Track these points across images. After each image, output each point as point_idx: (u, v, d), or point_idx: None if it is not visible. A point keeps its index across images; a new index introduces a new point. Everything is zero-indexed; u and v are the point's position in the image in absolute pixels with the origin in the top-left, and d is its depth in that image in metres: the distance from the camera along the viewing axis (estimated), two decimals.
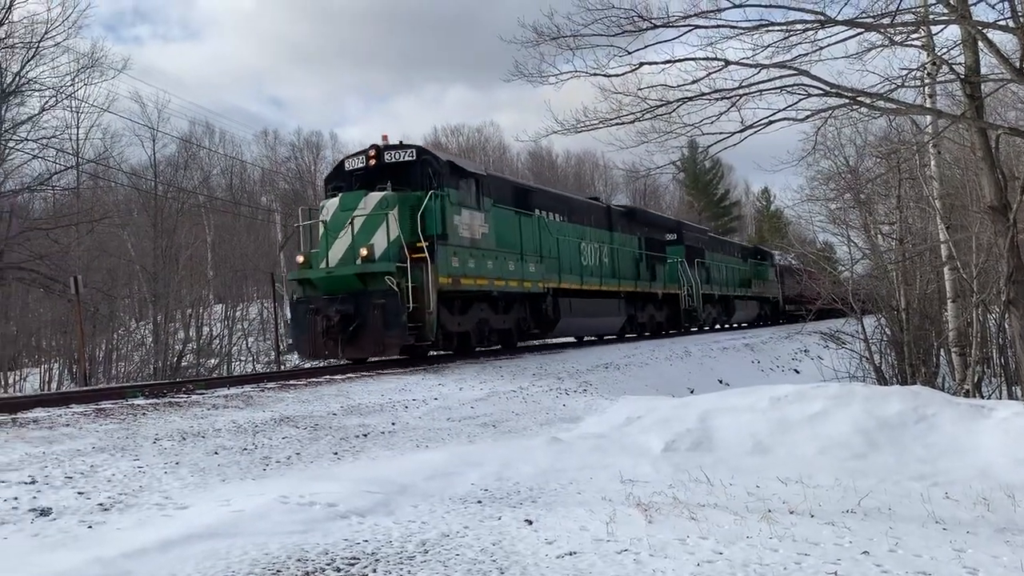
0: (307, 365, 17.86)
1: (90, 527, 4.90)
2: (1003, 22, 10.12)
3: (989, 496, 6.12)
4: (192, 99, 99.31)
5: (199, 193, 44.24)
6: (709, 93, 10.40)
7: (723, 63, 10.32)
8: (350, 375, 13.32)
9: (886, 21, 10.10)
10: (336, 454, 7.46)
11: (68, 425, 7.59)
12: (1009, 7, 9.94)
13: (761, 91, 10.37)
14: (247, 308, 41.85)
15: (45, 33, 24.70)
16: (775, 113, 10.55)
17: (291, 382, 12.20)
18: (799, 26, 9.96)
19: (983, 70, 10.84)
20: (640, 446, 8.08)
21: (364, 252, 14.39)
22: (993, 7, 12.98)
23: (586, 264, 21.58)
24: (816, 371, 19.09)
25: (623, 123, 10.87)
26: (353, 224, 14.84)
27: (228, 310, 39.60)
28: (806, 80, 10.15)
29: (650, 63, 10.65)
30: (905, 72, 11.35)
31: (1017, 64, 9.84)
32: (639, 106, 10.65)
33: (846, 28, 9.98)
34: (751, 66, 10.26)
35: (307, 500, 5.40)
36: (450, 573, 4.16)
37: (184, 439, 7.28)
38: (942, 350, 17.03)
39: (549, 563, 4.32)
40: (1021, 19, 9.66)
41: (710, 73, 10.37)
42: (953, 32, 11.41)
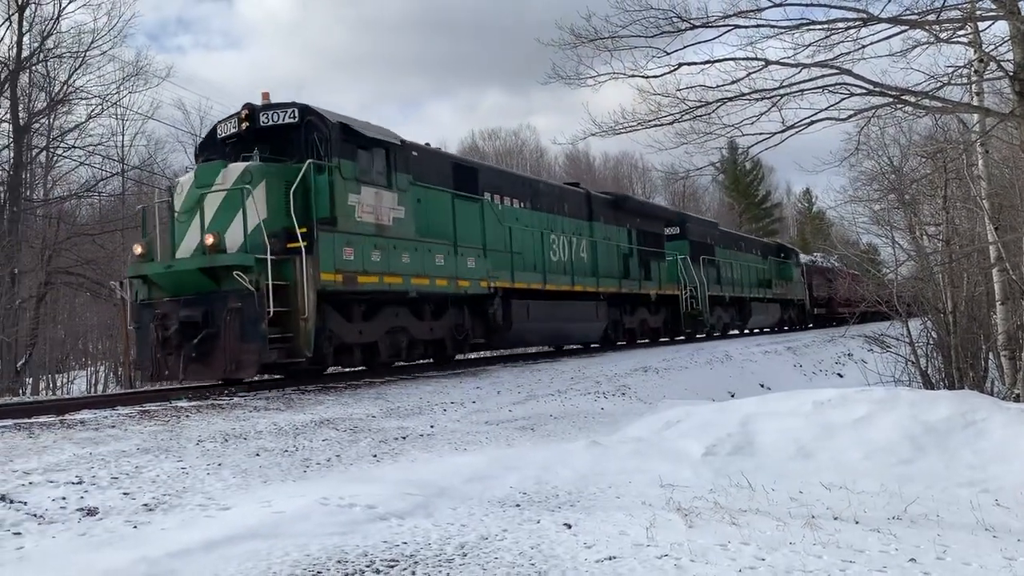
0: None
1: (135, 527, 4.97)
2: None
3: None
4: (233, 106, 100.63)
5: None
6: (749, 93, 10.30)
7: (763, 63, 10.22)
8: (388, 378, 13.40)
9: (931, 18, 9.92)
10: (375, 456, 7.50)
11: (114, 427, 7.73)
12: None
13: (802, 91, 10.25)
14: None
15: (92, 43, 25.35)
16: (817, 113, 10.43)
17: (331, 385, 12.31)
18: (841, 24, 9.83)
19: None
20: (680, 450, 8.01)
21: (210, 240, 11.13)
22: None
23: (555, 260, 18.22)
24: (860, 375, 18.79)
25: (662, 124, 10.82)
26: (204, 205, 11.58)
27: None
28: (848, 79, 10.01)
29: (689, 64, 10.59)
30: (951, 70, 11.14)
31: None
32: (678, 107, 10.60)
33: (890, 26, 9.83)
34: (792, 66, 10.16)
35: (347, 502, 5.43)
36: None
37: (226, 441, 7.37)
38: (991, 354, 16.63)
39: (588, 567, 4.29)
40: None
41: (750, 73, 10.28)
42: (1001, 28, 11.18)
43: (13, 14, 24.43)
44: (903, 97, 10.29)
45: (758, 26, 10.25)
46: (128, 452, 6.64)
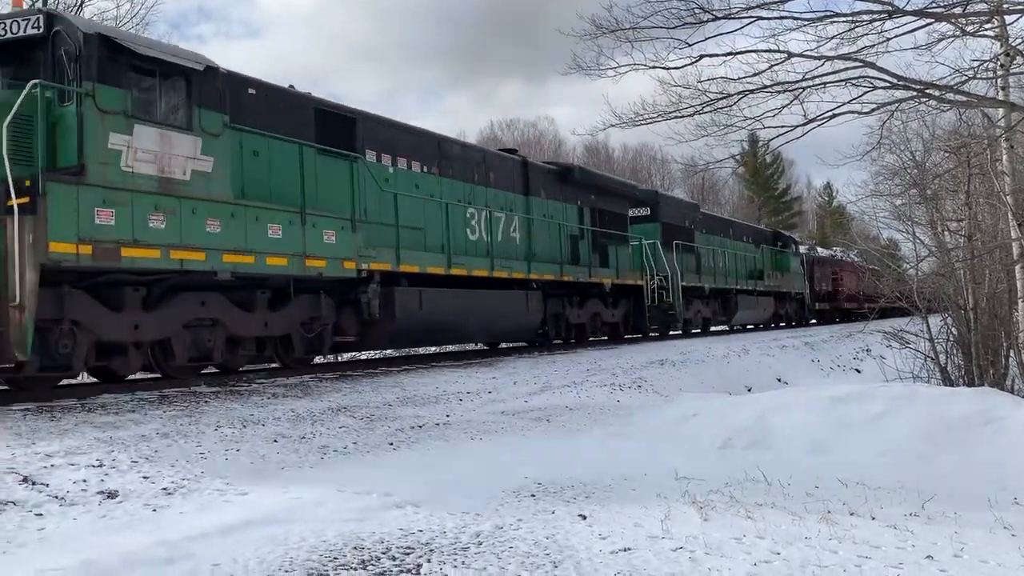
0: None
1: (154, 510, 5.03)
2: None
3: None
4: None
5: None
6: (771, 86, 10.23)
7: (786, 55, 10.13)
8: (405, 367, 13.44)
9: (958, 11, 9.80)
10: (391, 444, 7.54)
11: (134, 411, 7.81)
12: None
13: (825, 84, 10.16)
14: None
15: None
16: (839, 106, 10.34)
17: (348, 373, 12.37)
18: (865, 17, 9.74)
19: None
20: (696, 443, 8.01)
21: None
22: None
23: (473, 239, 14.95)
24: (878, 371, 18.64)
25: (682, 116, 10.77)
26: None
27: None
28: (872, 72, 9.92)
29: (711, 55, 10.53)
30: (977, 63, 11.01)
31: None
32: (699, 99, 10.55)
33: (915, 18, 9.73)
34: (815, 58, 10.06)
35: (363, 489, 5.48)
36: (504, 566, 4.17)
37: (244, 427, 7.44)
38: (1012, 351, 16.47)
39: (603, 559, 4.30)
40: None
41: (772, 65, 10.20)
42: None
43: (36, 1, 24.61)
44: (927, 91, 10.18)
45: (781, 18, 10.16)
46: (148, 436, 6.71)
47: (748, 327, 30.42)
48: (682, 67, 10.64)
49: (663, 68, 10.68)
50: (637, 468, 6.60)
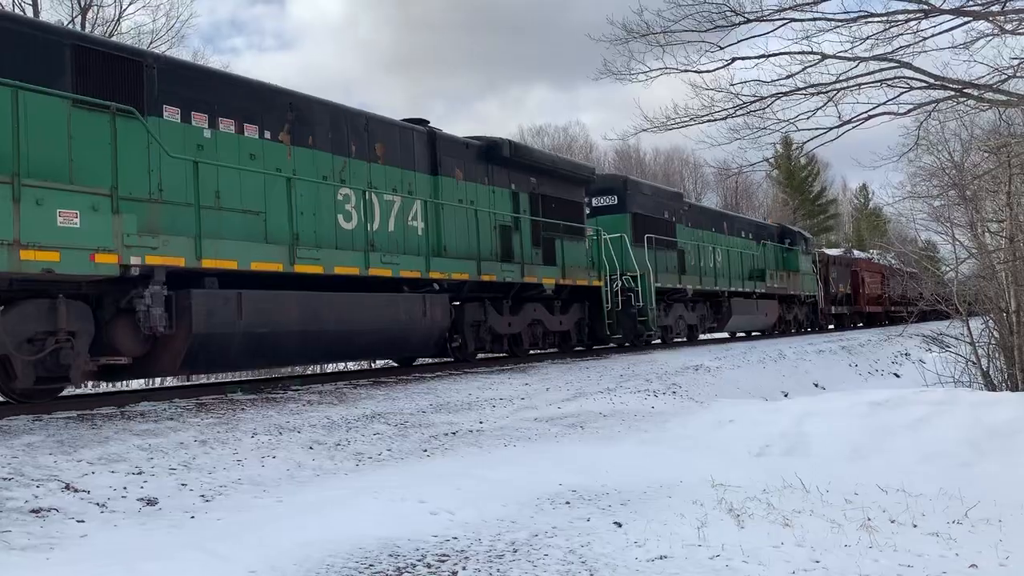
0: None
1: (193, 517, 5.09)
2: None
3: None
4: None
5: None
6: (804, 88, 10.15)
7: (819, 57, 10.04)
8: (438, 373, 13.48)
9: (995, 8, 9.63)
10: (426, 451, 7.56)
11: (172, 419, 7.92)
12: None
13: (860, 85, 10.06)
14: None
15: (150, 43, 25.89)
16: (875, 107, 10.24)
17: (382, 380, 12.44)
18: (901, 16, 9.62)
19: None
20: (731, 450, 7.92)
21: None
22: None
23: (348, 228, 11.60)
24: (918, 375, 18.36)
25: (715, 120, 10.72)
26: None
27: None
28: (908, 72, 9.80)
29: (743, 58, 10.46)
30: (1017, 62, 10.79)
31: None
32: (731, 102, 10.49)
33: (952, 17, 9.58)
34: (849, 59, 9.96)
35: (398, 496, 5.49)
36: (539, 574, 4.16)
37: (280, 434, 7.50)
38: None
39: (639, 566, 4.27)
40: None
41: (805, 67, 10.12)
42: None
43: (76, 16, 25.12)
44: (965, 90, 10.02)
45: (814, 19, 10.06)
46: (186, 444, 6.80)
47: (752, 334, 27.30)
48: (714, 70, 10.60)
49: (695, 72, 10.64)
50: (672, 475, 6.54)
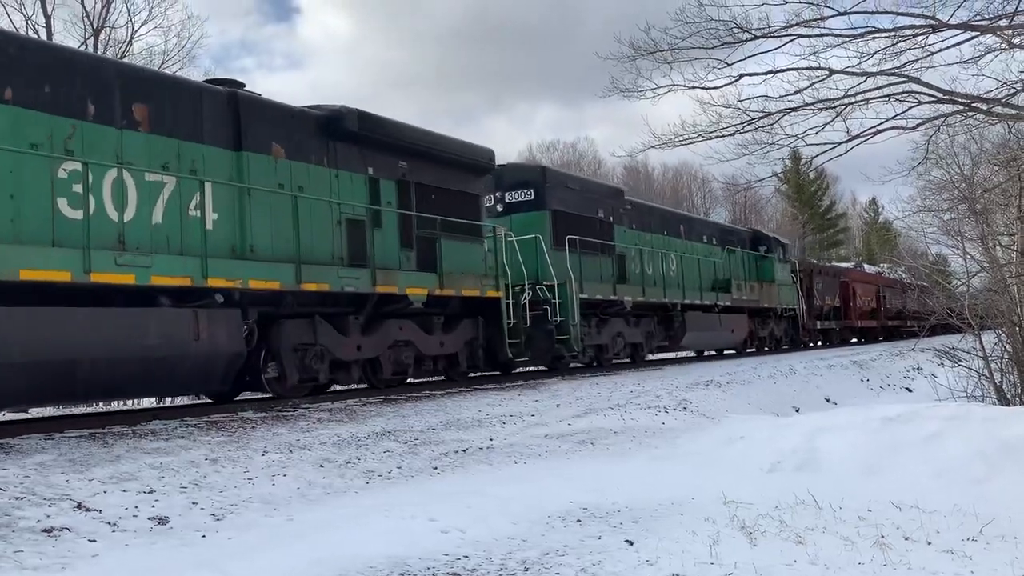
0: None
1: (204, 536, 5.10)
2: None
3: None
4: None
5: None
6: (812, 103, 10.19)
7: (827, 72, 10.07)
8: (448, 390, 13.47)
9: (1003, 23, 9.65)
10: (436, 469, 7.55)
11: (183, 437, 7.93)
12: None
13: (868, 100, 10.10)
14: None
15: (162, 64, 26.17)
16: (883, 122, 10.27)
17: (392, 397, 12.44)
18: (908, 32, 9.65)
19: None
20: (743, 466, 7.88)
21: None
22: None
23: (73, 217, 8.49)
24: (930, 390, 18.22)
25: (723, 136, 10.76)
26: None
27: None
28: (916, 87, 9.82)
29: (750, 74, 10.50)
30: None
31: None
32: (739, 118, 10.53)
33: (959, 32, 9.60)
34: (857, 74, 9.99)
35: (409, 514, 5.48)
36: None
37: (291, 452, 7.50)
38: None
39: None
40: None
41: (813, 83, 10.16)
42: None
43: (89, 37, 25.44)
44: (974, 104, 10.03)
45: (821, 35, 10.12)
46: (196, 462, 6.80)
47: (715, 354, 24.47)
48: (722, 86, 10.66)
49: (702, 88, 10.69)
50: (684, 492, 6.51)
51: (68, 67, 8.94)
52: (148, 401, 15.04)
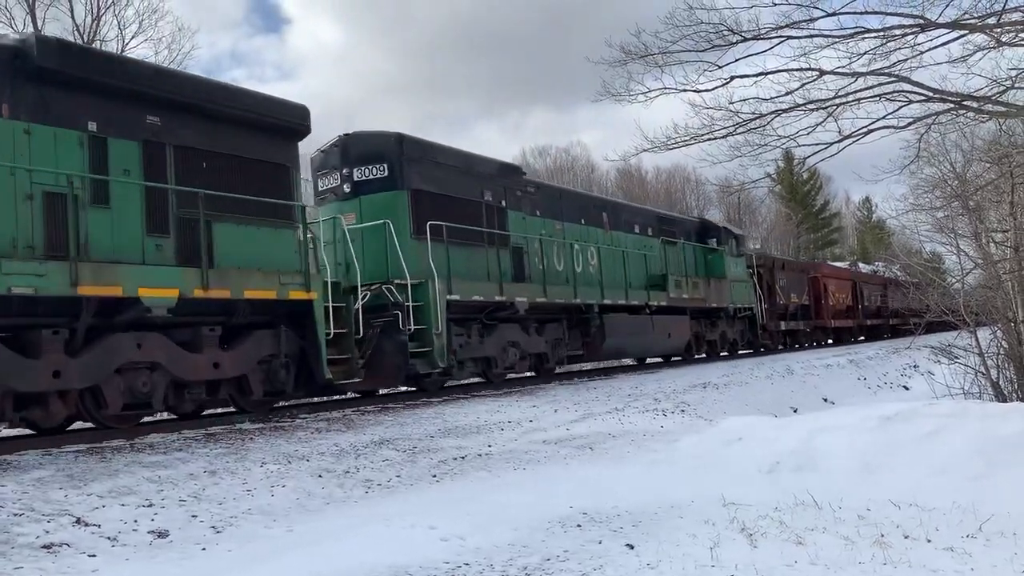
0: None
1: (204, 548, 5.09)
2: None
3: None
4: None
5: None
6: (804, 104, 10.18)
7: (818, 73, 10.08)
8: (446, 398, 13.45)
9: (992, 21, 9.68)
10: (435, 476, 7.54)
11: (181, 450, 7.91)
12: None
13: (859, 100, 10.09)
14: None
15: None
16: (874, 122, 10.26)
17: (390, 405, 12.42)
18: (897, 31, 9.66)
19: None
20: (742, 468, 7.88)
21: None
22: None
23: None
24: (927, 388, 18.25)
25: (715, 138, 10.74)
26: None
27: None
28: (907, 86, 9.83)
29: (741, 76, 10.50)
30: (1015, 73, 10.83)
31: None
32: (731, 120, 10.52)
33: (948, 31, 9.62)
34: (847, 75, 10.00)
35: (408, 523, 5.48)
36: None
37: (289, 462, 7.49)
38: None
39: None
40: None
41: (804, 84, 10.16)
42: None
43: None
44: (964, 103, 10.05)
45: (811, 36, 10.11)
46: (195, 475, 6.79)
47: (653, 362, 21.50)
48: (713, 89, 10.63)
49: (694, 91, 10.69)
50: (683, 495, 6.52)
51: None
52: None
